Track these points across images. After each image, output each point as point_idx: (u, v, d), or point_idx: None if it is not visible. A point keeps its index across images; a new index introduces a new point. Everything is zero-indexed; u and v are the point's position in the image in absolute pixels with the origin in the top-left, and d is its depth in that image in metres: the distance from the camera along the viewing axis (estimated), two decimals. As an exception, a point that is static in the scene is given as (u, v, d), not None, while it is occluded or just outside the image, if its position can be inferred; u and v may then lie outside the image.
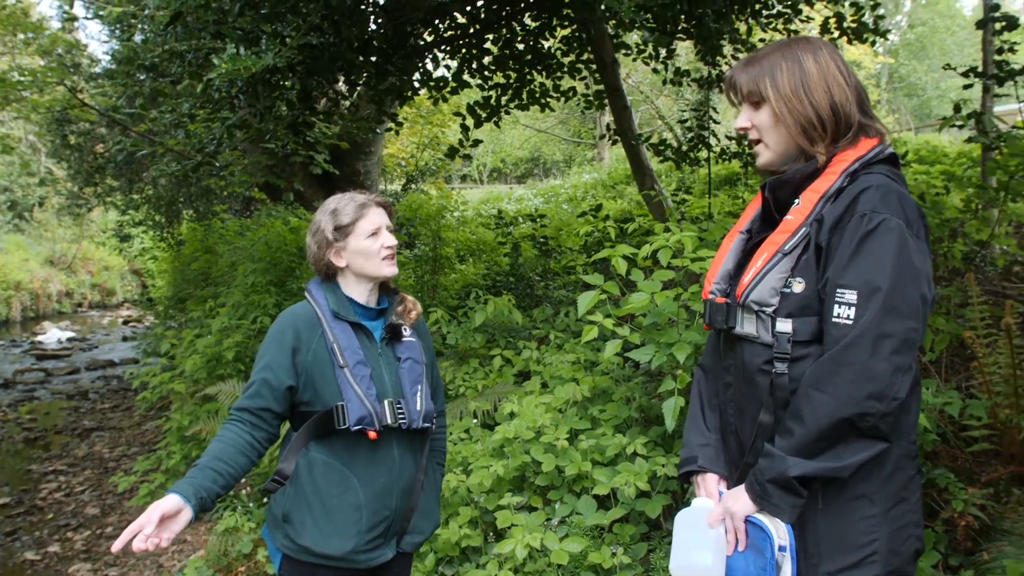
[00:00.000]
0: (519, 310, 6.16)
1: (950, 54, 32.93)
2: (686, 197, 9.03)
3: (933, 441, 3.59)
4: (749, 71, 2.01)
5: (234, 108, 5.12)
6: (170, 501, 2.13)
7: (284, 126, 5.49)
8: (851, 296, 1.78)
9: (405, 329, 2.60)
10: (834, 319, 1.80)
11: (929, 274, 1.83)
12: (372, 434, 2.40)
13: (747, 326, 1.97)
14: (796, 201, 1.95)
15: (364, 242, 2.49)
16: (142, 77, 5.86)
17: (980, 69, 5.96)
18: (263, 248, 8.03)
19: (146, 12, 4.40)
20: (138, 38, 6.33)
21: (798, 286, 1.88)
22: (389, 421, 2.42)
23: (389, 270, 2.54)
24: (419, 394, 2.51)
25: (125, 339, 18.61)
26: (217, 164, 6.67)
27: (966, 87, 5.78)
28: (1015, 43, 5.60)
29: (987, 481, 3.68)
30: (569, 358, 4.98)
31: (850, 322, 1.77)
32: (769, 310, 1.91)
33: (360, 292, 2.56)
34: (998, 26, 5.58)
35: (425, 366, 2.61)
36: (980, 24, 5.99)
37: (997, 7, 5.62)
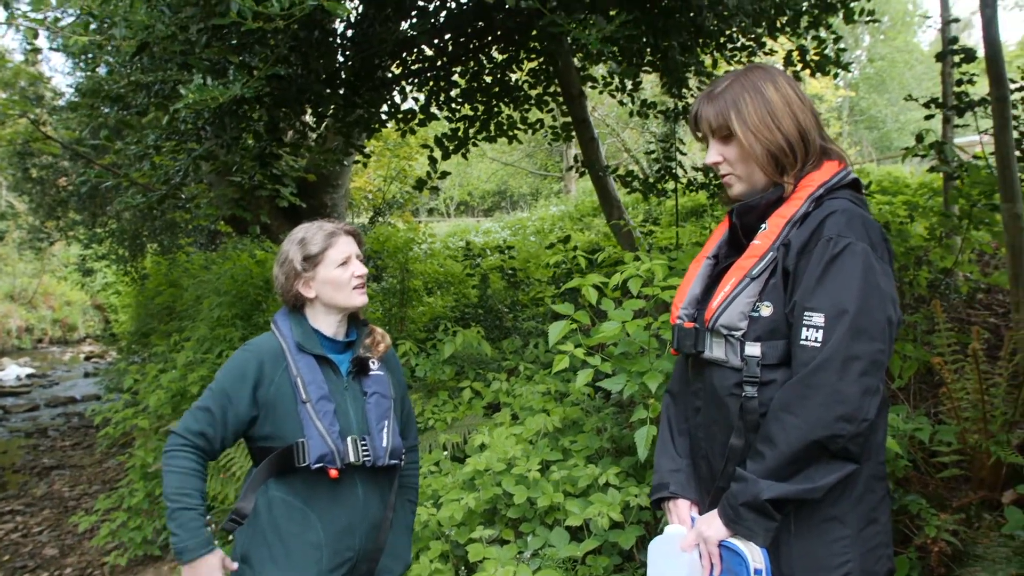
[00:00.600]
0: (488, 342, 6.12)
1: (908, 87, 33.68)
2: (653, 228, 9.09)
3: (905, 467, 3.59)
4: (714, 105, 2.02)
5: (200, 140, 5.07)
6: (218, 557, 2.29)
7: (251, 158, 5.44)
8: (819, 319, 1.80)
9: (373, 362, 2.54)
10: (802, 342, 1.82)
11: (895, 296, 1.86)
12: (333, 473, 2.33)
13: (716, 350, 1.98)
14: (763, 226, 1.97)
15: (334, 272, 2.44)
16: (106, 110, 5.80)
17: (940, 100, 6.09)
18: (229, 281, 7.94)
19: (112, 44, 4.34)
20: (103, 70, 6.28)
21: (766, 310, 1.90)
22: (352, 459, 2.36)
23: (359, 300, 2.49)
24: (385, 430, 2.45)
25: (87, 375, 18.26)
26: (183, 196, 6.59)
27: (927, 117, 5.91)
28: (974, 75, 5.73)
29: (958, 507, 3.69)
30: (539, 389, 4.95)
31: (818, 345, 1.79)
32: (738, 334, 1.92)
33: (328, 323, 2.49)
34: (956, 59, 5.71)
35: (394, 400, 2.55)
36: (939, 57, 6.13)
37: (955, 40, 5.76)
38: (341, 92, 6.59)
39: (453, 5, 6.87)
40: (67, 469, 10.03)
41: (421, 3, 6.79)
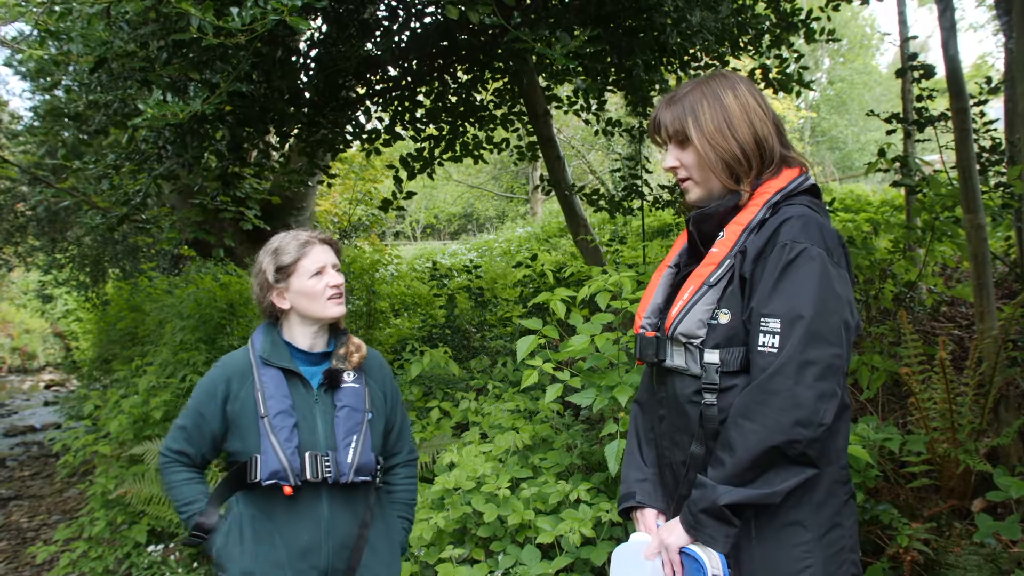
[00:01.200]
0: (456, 362, 6.07)
1: (868, 108, 34.27)
2: (620, 247, 9.11)
3: (876, 477, 3.59)
4: (672, 110, 2.03)
5: (161, 159, 4.99)
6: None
7: (213, 177, 5.36)
8: (775, 325, 1.81)
9: (348, 374, 2.46)
10: (759, 348, 1.83)
11: (852, 300, 1.87)
12: (287, 489, 2.27)
13: (676, 358, 1.99)
14: (720, 234, 1.98)
15: (307, 282, 2.39)
16: (65, 134, 5.72)
17: (902, 116, 6.18)
18: (192, 305, 7.81)
19: (69, 62, 4.26)
20: (59, 92, 6.18)
21: (724, 317, 1.91)
22: (309, 476, 2.29)
23: (335, 310, 2.42)
24: (352, 445, 2.36)
25: (47, 404, 17.81)
26: (143, 218, 6.48)
27: (889, 133, 5.98)
28: (933, 91, 5.82)
29: (929, 516, 3.70)
30: (508, 407, 4.89)
31: (775, 351, 1.80)
32: (697, 341, 1.93)
33: (304, 335, 2.44)
34: (916, 75, 5.79)
35: (372, 414, 2.47)
36: (899, 73, 6.23)
37: (915, 56, 5.85)
38: (305, 111, 6.55)
39: (417, 25, 6.87)
40: (25, 499, 9.73)
41: (385, 23, 6.78)
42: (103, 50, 3.77)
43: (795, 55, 7.51)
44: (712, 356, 1.90)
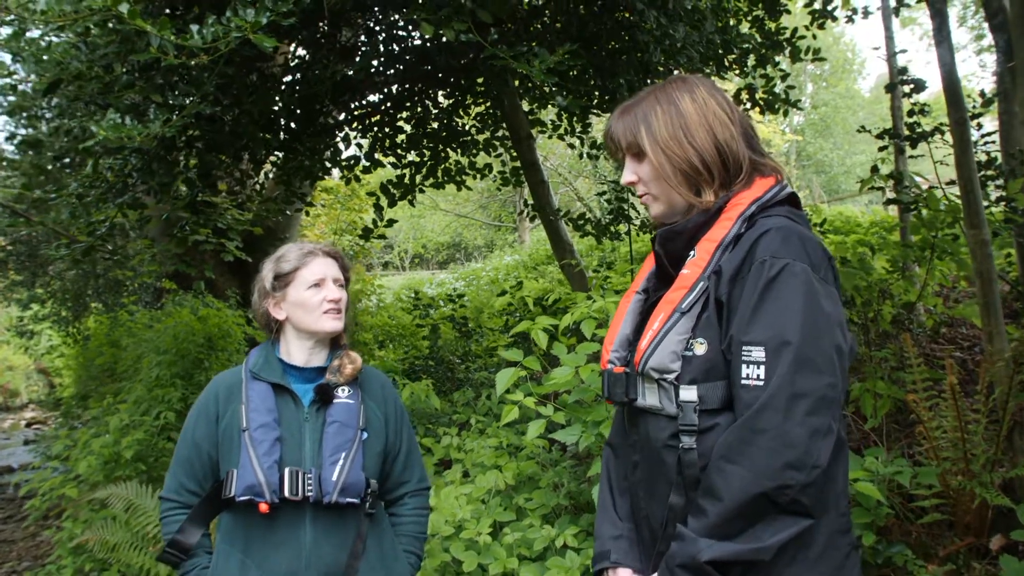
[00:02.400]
0: (439, 395, 5.85)
1: (852, 131, 34.52)
2: (608, 274, 8.92)
3: (887, 515, 3.34)
4: (624, 121, 1.84)
5: (127, 187, 4.76)
6: None
7: (183, 205, 5.13)
8: (758, 353, 1.59)
9: (342, 390, 2.28)
10: (743, 381, 1.60)
11: (843, 321, 1.65)
12: (263, 507, 2.08)
13: (649, 397, 1.76)
14: (691, 253, 1.76)
15: (304, 293, 2.27)
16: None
17: (893, 131, 6.03)
18: (169, 339, 7.55)
19: (24, 84, 4.05)
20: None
21: (700, 347, 1.69)
22: (288, 492, 2.10)
23: (330, 325, 2.28)
24: (340, 463, 2.16)
25: (27, 443, 17.36)
26: (110, 248, 6.24)
27: (881, 149, 5.82)
28: (925, 105, 5.66)
29: (945, 555, 3.45)
30: (491, 443, 4.64)
31: (760, 383, 1.57)
32: (671, 377, 1.70)
33: (300, 350, 2.31)
34: (907, 89, 5.64)
35: (368, 433, 2.28)
36: (889, 88, 6.08)
37: (905, 70, 5.69)
38: (281, 138, 6.34)
39: (395, 48, 6.69)
40: (-5, 545, 9.39)
41: (363, 48, 6.61)
42: (57, 71, 3.56)
43: (781, 73, 7.36)
44: (689, 393, 1.67)
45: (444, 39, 4.53)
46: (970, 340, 6.58)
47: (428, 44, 6.46)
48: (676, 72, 6.95)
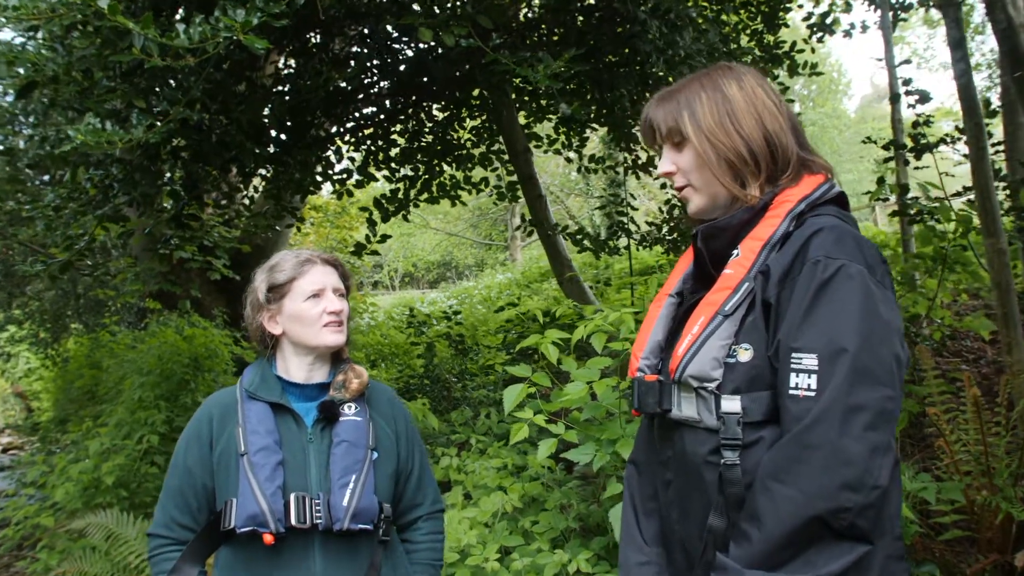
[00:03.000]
0: (436, 414, 5.65)
1: (840, 151, 34.78)
2: (604, 289, 8.77)
3: (915, 533, 3.17)
4: (665, 107, 1.70)
5: (107, 199, 4.56)
6: None
7: (167, 219, 4.93)
8: (810, 361, 1.43)
9: (348, 407, 2.07)
10: (791, 391, 1.44)
11: (901, 328, 1.49)
12: (267, 538, 1.88)
13: (686, 408, 1.59)
14: (735, 252, 1.61)
15: (302, 305, 2.07)
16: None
17: (899, 143, 5.93)
18: (153, 360, 7.32)
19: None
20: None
21: (745, 354, 1.53)
22: (295, 521, 1.91)
23: (332, 338, 2.07)
24: (350, 486, 1.96)
25: (2, 469, 17.04)
26: (89, 264, 6.03)
27: (886, 160, 5.71)
28: (930, 116, 5.55)
29: (973, 574, 3.28)
30: (494, 464, 4.44)
31: (812, 394, 1.42)
32: (711, 386, 1.54)
33: (299, 366, 2.10)
34: (912, 100, 5.53)
35: (373, 452, 2.06)
36: (893, 99, 5.98)
37: (909, 81, 5.58)
38: (271, 150, 6.17)
39: (389, 59, 6.55)
40: (-33, 576, 9.06)
41: (354, 58, 6.46)
42: (31, 72, 3.36)
43: (780, 87, 7.28)
44: (732, 403, 1.51)
45: (441, 48, 4.40)
46: (975, 353, 6.46)
47: (423, 54, 6.33)
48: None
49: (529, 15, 6.81)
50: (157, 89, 3.93)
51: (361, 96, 6.82)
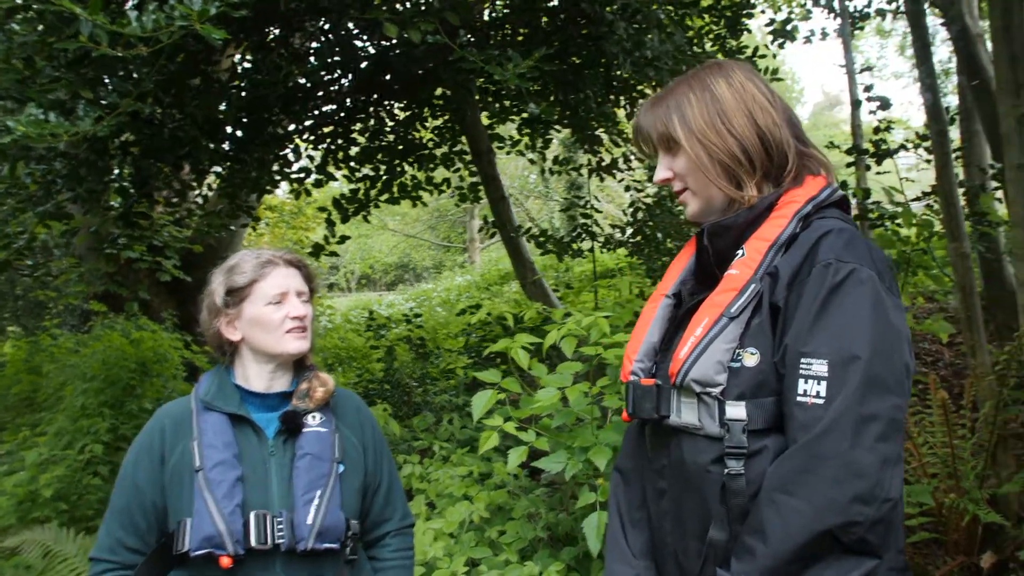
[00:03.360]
0: (396, 420, 5.50)
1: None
2: (567, 292, 8.70)
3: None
4: (655, 112, 1.65)
5: (51, 195, 4.34)
6: None
7: (115, 218, 4.72)
8: (820, 367, 1.38)
9: (312, 417, 1.94)
10: (799, 398, 1.39)
11: (909, 337, 1.44)
12: (224, 561, 1.74)
13: (686, 414, 1.52)
14: (740, 252, 1.54)
15: (263, 309, 1.93)
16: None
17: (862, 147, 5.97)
18: (97, 365, 7.04)
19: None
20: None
21: (750, 358, 1.47)
22: (255, 541, 1.77)
23: (295, 345, 1.94)
24: (315, 502, 1.84)
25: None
26: (29, 263, 5.78)
27: (849, 165, 5.75)
28: (891, 122, 5.58)
29: (941, 576, 3.27)
30: (459, 472, 4.31)
31: (821, 401, 1.36)
32: (715, 391, 1.47)
33: (259, 375, 1.97)
34: (873, 106, 5.55)
35: (339, 464, 1.94)
36: (854, 104, 6.02)
37: (871, 87, 5.60)
38: (226, 147, 5.97)
39: (351, 55, 6.39)
40: None
41: (314, 54, 6.30)
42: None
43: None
44: (736, 410, 1.44)
45: (406, 45, 4.27)
46: (933, 355, 6.53)
47: (386, 52, 6.19)
48: (641, 89, 6.79)
49: (494, 15, 6.72)
50: (106, 80, 3.74)
51: (321, 93, 6.65)
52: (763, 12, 8.36)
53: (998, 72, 3.88)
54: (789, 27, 7.66)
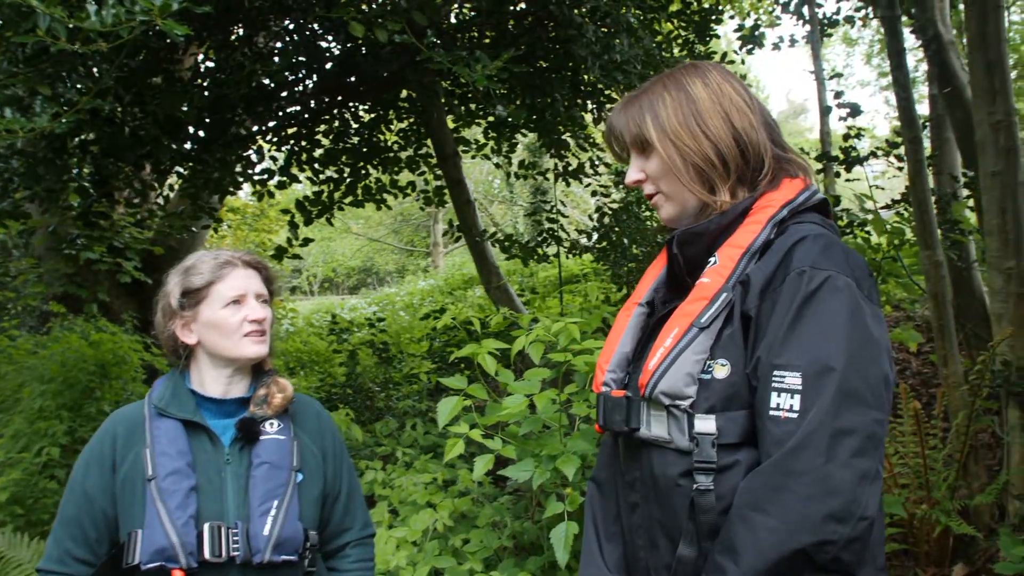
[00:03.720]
0: (358, 425, 5.42)
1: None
2: (532, 297, 8.67)
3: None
4: (628, 112, 1.60)
5: (7, 193, 4.21)
6: None
7: (74, 216, 4.60)
8: (793, 380, 1.33)
9: (270, 424, 1.88)
10: (771, 412, 1.34)
11: (890, 347, 1.39)
12: (177, 574, 1.67)
13: (655, 427, 1.48)
14: (712, 259, 1.49)
15: (220, 312, 1.87)
16: None
17: (832, 154, 6.01)
18: (56, 367, 6.89)
19: None
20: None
21: (721, 370, 1.42)
22: (208, 554, 1.71)
23: (253, 349, 1.88)
24: (272, 512, 1.78)
25: None
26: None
27: (818, 172, 5.77)
28: (861, 129, 5.62)
29: (912, 588, 3.28)
30: (423, 479, 4.25)
31: (794, 415, 1.32)
32: (684, 404, 1.43)
33: (216, 380, 1.91)
34: (843, 113, 5.59)
35: (298, 473, 1.88)
36: (824, 111, 6.05)
37: (841, 93, 5.63)
38: (189, 146, 5.86)
39: (315, 55, 6.31)
40: None
41: (278, 54, 6.20)
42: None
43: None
44: (706, 423, 1.40)
45: (372, 45, 4.21)
46: (900, 364, 6.57)
47: (352, 52, 6.12)
48: (608, 93, 6.79)
49: (461, 17, 6.67)
50: (64, 75, 3.64)
51: (285, 94, 6.56)
52: (732, 18, 8.40)
53: (974, 79, 3.92)
54: (757, 33, 7.72)
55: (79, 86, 3.56)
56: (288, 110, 6.88)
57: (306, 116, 6.96)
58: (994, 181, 3.46)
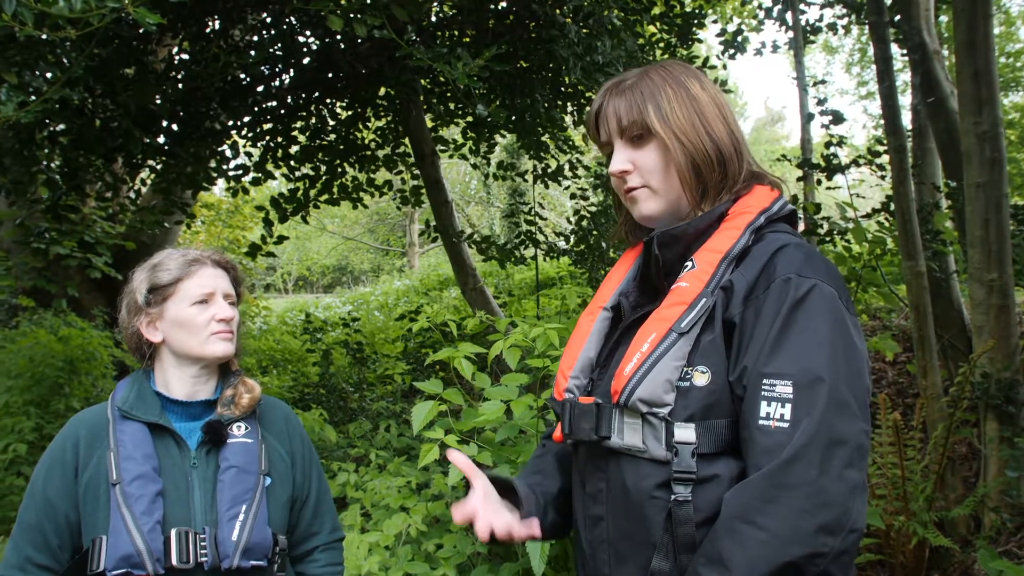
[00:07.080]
0: (332, 426, 5.34)
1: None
2: (508, 299, 8.62)
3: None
4: (626, 98, 1.51)
5: (-28, 185, 4.11)
6: None
7: (43, 210, 4.48)
8: (784, 388, 1.28)
9: (237, 427, 1.83)
10: (761, 422, 1.28)
11: (868, 358, 1.36)
12: None
13: (629, 436, 1.40)
14: (688, 264, 1.44)
15: (187, 310, 1.83)
16: None
17: (813, 161, 6.01)
18: (24, 362, 6.76)
19: None
20: None
21: (701, 377, 1.36)
22: (176, 560, 1.66)
23: (219, 349, 1.84)
24: (240, 518, 1.75)
25: None
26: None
27: (799, 179, 5.77)
28: (843, 138, 5.61)
29: (889, 602, 3.25)
30: (396, 482, 4.18)
31: (785, 425, 1.26)
32: (663, 411, 1.35)
33: (181, 380, 1.86)
34: (825, 120, 5.58)
35: (266, 477, 1.83)
36: (806, 118, 6.04)
37: (825, 100, 5.63)
38: (162, 140, 5.74)
39: (292, 50, 6.21)
40: None
41: (254, 48, 6.10)
42: None
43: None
44: (685, 432, 1.33)
45: (350, 40, 4.13)
46: (876, 374, 6.57)
47: (330, 47, 6.03)
48: (591, 93, 6.75)
49: (441, 14, 6.61)
50: (32, 63, 3.53)
51: (261, 88, 6.46)
52: (714, 22, 8.39)
53: (961, 88, 3.91)
54: (740, 39, 7.71)
55: (47, 75, 3.45)
56: (264, 105, 6.77)
57: (282, 112, 6.86)
58: (979, 192, 3.44)
